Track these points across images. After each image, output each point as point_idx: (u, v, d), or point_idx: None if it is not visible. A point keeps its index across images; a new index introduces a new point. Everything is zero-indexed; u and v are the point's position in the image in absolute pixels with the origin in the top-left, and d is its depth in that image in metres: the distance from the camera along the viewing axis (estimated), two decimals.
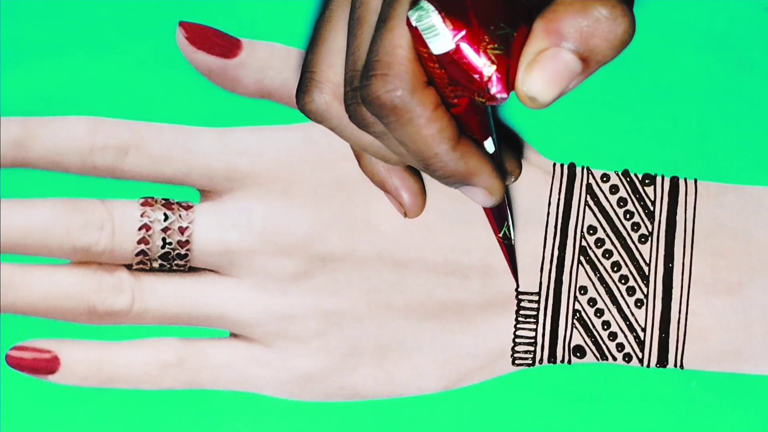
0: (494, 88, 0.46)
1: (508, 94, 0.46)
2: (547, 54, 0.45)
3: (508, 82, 0.46)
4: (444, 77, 0.46)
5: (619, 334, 0.57)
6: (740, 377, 0.56)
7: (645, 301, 0.57)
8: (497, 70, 0.45)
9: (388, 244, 0.57)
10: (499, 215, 0.55)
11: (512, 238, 0.56)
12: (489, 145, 0.50)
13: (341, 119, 0.51)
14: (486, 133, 0.50)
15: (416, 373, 0.57)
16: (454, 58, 0.45)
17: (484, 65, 0.45)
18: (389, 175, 0.55)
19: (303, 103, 0.51)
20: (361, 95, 0.47)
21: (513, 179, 0.56)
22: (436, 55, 0.46)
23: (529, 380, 0.57)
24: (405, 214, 0.56)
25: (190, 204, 0.58)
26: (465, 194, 0.51)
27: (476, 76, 0.45)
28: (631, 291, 0.57)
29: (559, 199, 0.57)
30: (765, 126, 0.58)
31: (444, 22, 0.45)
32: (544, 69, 0.45)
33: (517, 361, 0.57)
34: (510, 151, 0.56)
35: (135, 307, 0.57)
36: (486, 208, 0.54)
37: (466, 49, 0.45)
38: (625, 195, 0.57)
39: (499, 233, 0.55)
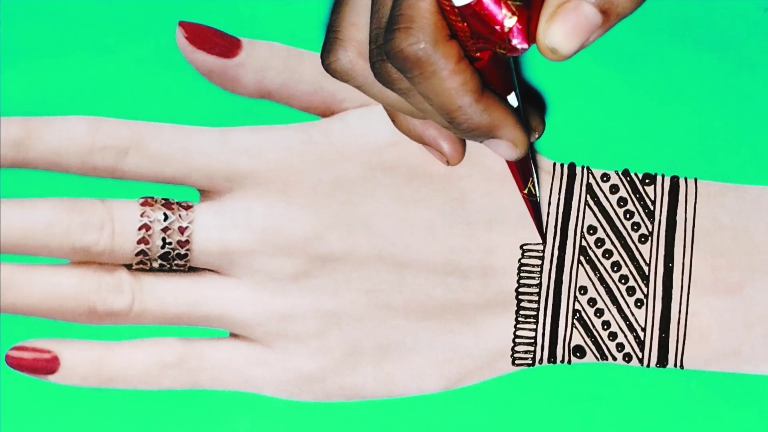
0: (515, 39, 0.47)
1: (529, 45, 0.47)
2: (568, 6, 0.46)
3: (529, 33, 0.47)
4: (466, 30, 0.47)
5: (619, 334, 0.57)
6: (740, 377, 0.56)
7: (645, 301, 0.57)
8: (518, 21, 0.46)
9: (388, 244, 0.57)
10: (524, 171, 0.55)
11: (537, 194, 0.56)
12: (512, 99, 0.51)
13: (366, 77, 0.52)
14: (509, 88, 0.51)
15: (416, 373, 0.57)
16: (475, 9, 0.46)
17: (505, 17, 0.46)
18: (425, 127, 0.55)
19: (328, 63, 0.52)
20: (384, 49, 0.48)
21: (537, 136, 0.56)
22: (458, 8, 0.47)
23: (529, 380, 0.57)
24: (447, 163, 0.56)
25: (190, 204, 0.58)
26: (490, 147, 0.52)
27: (497, 27, 0.46)
28: (631, 291, 0.57)
29: (559, 199, 0.57)
30: (765, 126, 0.58)
31: None
32: (565, 21, 0.46)
33: (517, 361, 0.57)
34: (533, 109, 0.56)
35: (135, 308, 0.57)
36: (510, 163, 0.54)
37: (487, 1, 0.46)
38: (625, 195, 0.57)
39: (524, 189, 0.55)
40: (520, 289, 0.57)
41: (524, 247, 0.57)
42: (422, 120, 0.54)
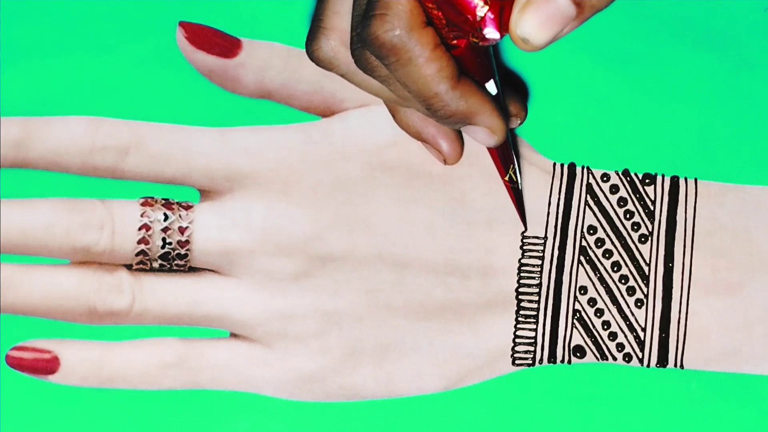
0: (487, 29, 0.47)
1: (501, 35, 0.47)
2: None
3: (502, 23, 0.47)
4: (441, 18, 0.48)
5: (619, 334, 0.57)
6: (740, 377, 0.56)
7: (645, 301, 0.57)
8: (490, 10, 0.47)
9: (388, 244, 0.57)
10: (505, 158, 0.55)
11: (518, 181, 0.56)
12: (491, 87, 0.52)
13: (349, 65, 0.52)
14: (487, 75, 0.51)
15: (416, 373, 0.57)
16: None
17: (477, 6, 0.47)
18: (425, 125, 0.55)
19: (311, 51, 0.52)
20: (361, 36, 0.48)
21: (519, 122, 0.56)
22: None
23: (529, 380, 0.57)
24: (444, 161, 0.56)
25: (190, 204, 0.58)
26: (468, 134, 0.52)
27: (469, 16, 0.47)
28: (631, 291, 0.57)
29: (559, 199, 0.57)
30: (765, 126, 0.58)
31: None
32: (537, 11, 0.46)
33: (517, 361, 0.57)
34: (515, 95, 0.56)
35: (135, 308, 0.57)
36: (491, 150, 0.54)
37: None
38: (625, 195, 0.57)
39: (505, 176, 0.55)
40: (520, 289, 0.57)
41: (524, 247, 0.57)
42: (422, 117, 0.55)
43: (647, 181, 0.57)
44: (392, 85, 0.51)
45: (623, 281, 0.57)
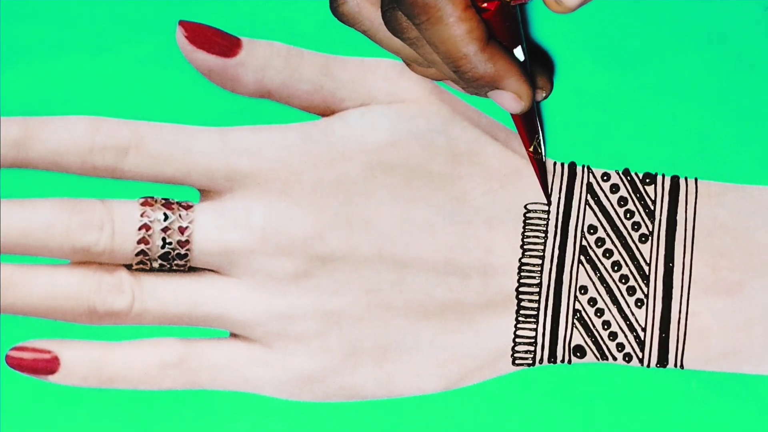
0: None
1: None
2: None
3: None
4: None
5: (619, 333, 0.57)
6: (740, 377, 0.56)
7: (645, 300, 0.57)
8: None
9: (388, 243, 0.57)
10: (529, 128, 0.55)
11: (542, 152, 0.56)
12: (519, 53, 0.52)
13: (372, 22, 0.52)
14: (516, 41, 0.52)
15: (416, 373, 0.57)
16: None
17: None
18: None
19: (336, 6, 0.53)
20: None
21: (544, 95, 0.57)
22: None
23: (529, 380, 0.57)
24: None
25: (190, 204, 0.58)
26: (495, 100, 0.52)
27: None
28: (631, 291, 0.57)
29: (559, 199, 0.57)
30: (765, 126, 0.58)
31: None
32: None
33: (517, 361, 0.57)
34: (541, 68, 0.57)
35: (135, 308, 0.57)
36: (517, 120, 0.55)
37: None
38: (625, 194, 0.57)
39: (530, 147, 0.56)
40: (521, 289, 0.57)
41: (524, 247, 0.57)
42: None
43: (647, 180, 0.57)
44: (421, 48, 0.51)
45: (623, 281, 0.57)
